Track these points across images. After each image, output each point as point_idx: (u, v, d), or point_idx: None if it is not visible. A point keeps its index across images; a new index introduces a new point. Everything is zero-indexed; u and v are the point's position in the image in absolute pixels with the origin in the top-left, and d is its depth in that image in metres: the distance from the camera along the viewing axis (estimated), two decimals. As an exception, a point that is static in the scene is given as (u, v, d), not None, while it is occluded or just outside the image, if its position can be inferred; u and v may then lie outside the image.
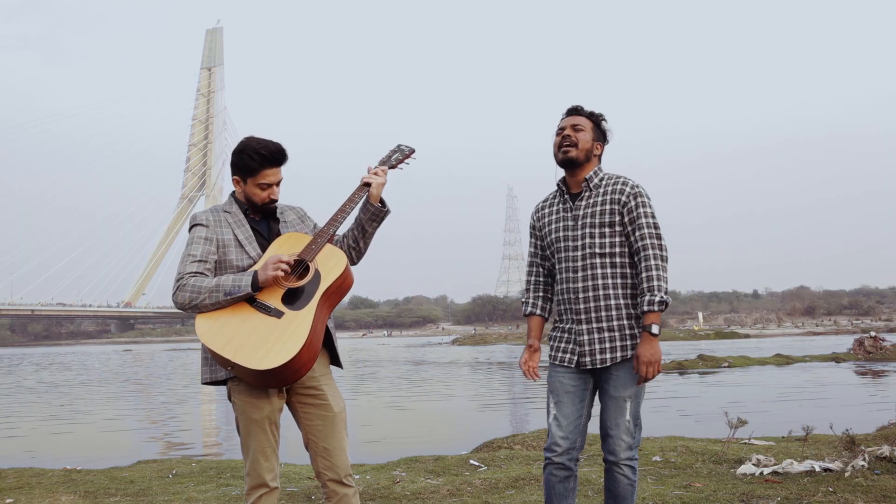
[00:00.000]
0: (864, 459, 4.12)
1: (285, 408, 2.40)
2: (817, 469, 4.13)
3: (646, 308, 2.40)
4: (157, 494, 4.53)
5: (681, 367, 18.72)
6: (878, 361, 19.14)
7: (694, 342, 39.00)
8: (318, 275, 2.30)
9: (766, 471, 4.20)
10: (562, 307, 2.60)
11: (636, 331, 2.48)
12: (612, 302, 2.48)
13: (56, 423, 10.84)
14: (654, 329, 2.39)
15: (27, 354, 52.57)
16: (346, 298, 2.78)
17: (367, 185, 2.45)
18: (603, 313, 2.48)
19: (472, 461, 5.23)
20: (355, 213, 2.49)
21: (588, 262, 2.51)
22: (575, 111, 2.63)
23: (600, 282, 2.49)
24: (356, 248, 2.50)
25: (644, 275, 2.43)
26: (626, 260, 2.51)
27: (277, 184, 2.42)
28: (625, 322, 2.48)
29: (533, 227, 2.74)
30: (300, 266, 2.32)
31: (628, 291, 2.50)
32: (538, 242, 2.71)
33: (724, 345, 35.26)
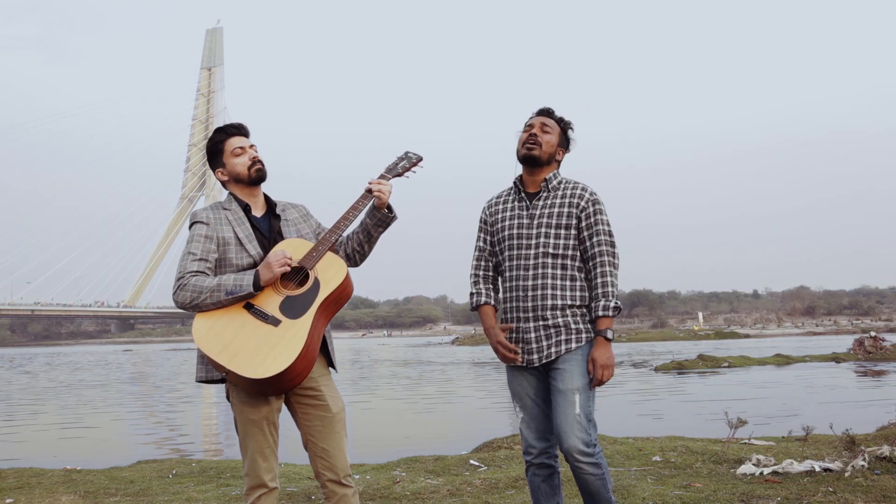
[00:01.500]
0: (864, 459, 4.12)
1: (284, 407, 2.40)
2: (817, 469, 4.13)
3: (601, 313, 2.47)
4: (157, 494, 4.53)
5: (681, 367, 18.72)
6: (878, 361, 19.12)
7: (694, 342, 38.99)
8: (317, 283, 2.28)
9: (766, 471, 4.20)
10: (508, 305, 2.60)
11: (581, 325, 2.50)
12: (559, 302, 2.50)
13: (56, 423, 10.84)
14: (609, 334, 2.46)
15: (27, 355, 52.53)
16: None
17: (371, 192, 2.43)
18: (549, 312, 2.50)
19: (472, 461, 5.22)
20: (360, 217, 2.49)
21: (540, 261, 2.52)
22: (546, 113, 2.65)
23: (549, 281, 2.51)
24: (360, 251, 2.50)
25: (599, 280, 2.51)
26: (577, 263, 2.55)
27: (252, 147, 2.45)
28: (570, 318, 2.50)
29: (484, 222, 2.73)
30: (300, 273, 2.30)
31: (576, 293, 2.53)
32: (488, 238, 2.70)
33: (724, 345, 35.25)
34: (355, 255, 2.50)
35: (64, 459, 7.02)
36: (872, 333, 23.61)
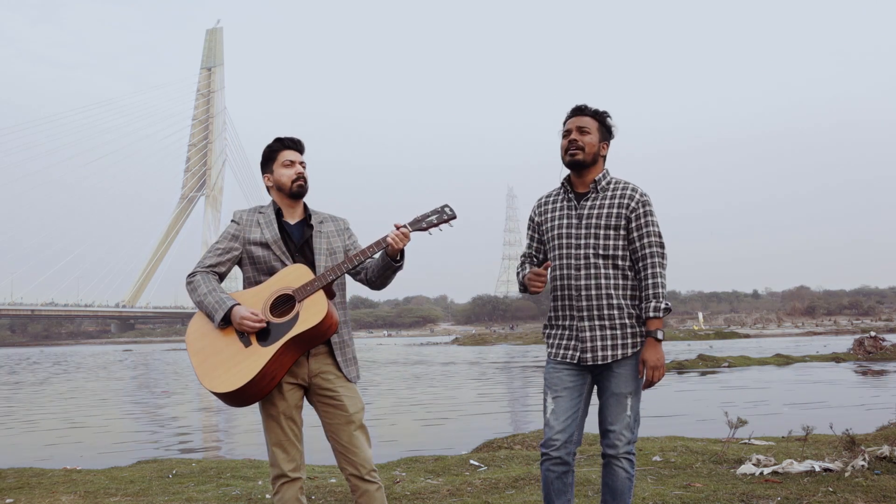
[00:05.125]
0: (864, 459, 4.12)
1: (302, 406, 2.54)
2: (817, 469, 4.13)
3: (651, 314, 2.49)
4: (157, 494, 4.53)
5: (681, 367, 18.73)
6: (878, 361, 19.13)
7: (694, 342, 38.99)
8: (296, 318, 2.35)
9: (766, 471, 4.20)
10: (559, 303, 2.61)
11: (637, 329, 2.54)
12: (615, 301, 2.53)
13: (56, 423, 10.84)
14: (660, 335, 2.49)
15: (29, 354, 52.55)
16: (348, 298, 2.82)
17: (385, 240, 2.46)
18: (605, 311, 2.52)
19: (472, 461, 5.23)
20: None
21: (591, 261, 2.54)
22: (580, 111, 2.64)
23: (602, 281, 2.53)
24: (373, 283, 2.59)
25: (650, 282, 2.52)
26: (627, 263, 2.57)
27: (301, 163, 2.57)
28: (626, 321, 2.53)
29: (532, 220, 2.75)
30: (289, 301, 2.39)
31: (629, 293, 2.55)
32: (536, 237, 2.73)
33: (724, 345, 35.25)
34: (370, 283, 2.60)
35: (64, 459, 7.02)
36: (872, 333, 23.65)
